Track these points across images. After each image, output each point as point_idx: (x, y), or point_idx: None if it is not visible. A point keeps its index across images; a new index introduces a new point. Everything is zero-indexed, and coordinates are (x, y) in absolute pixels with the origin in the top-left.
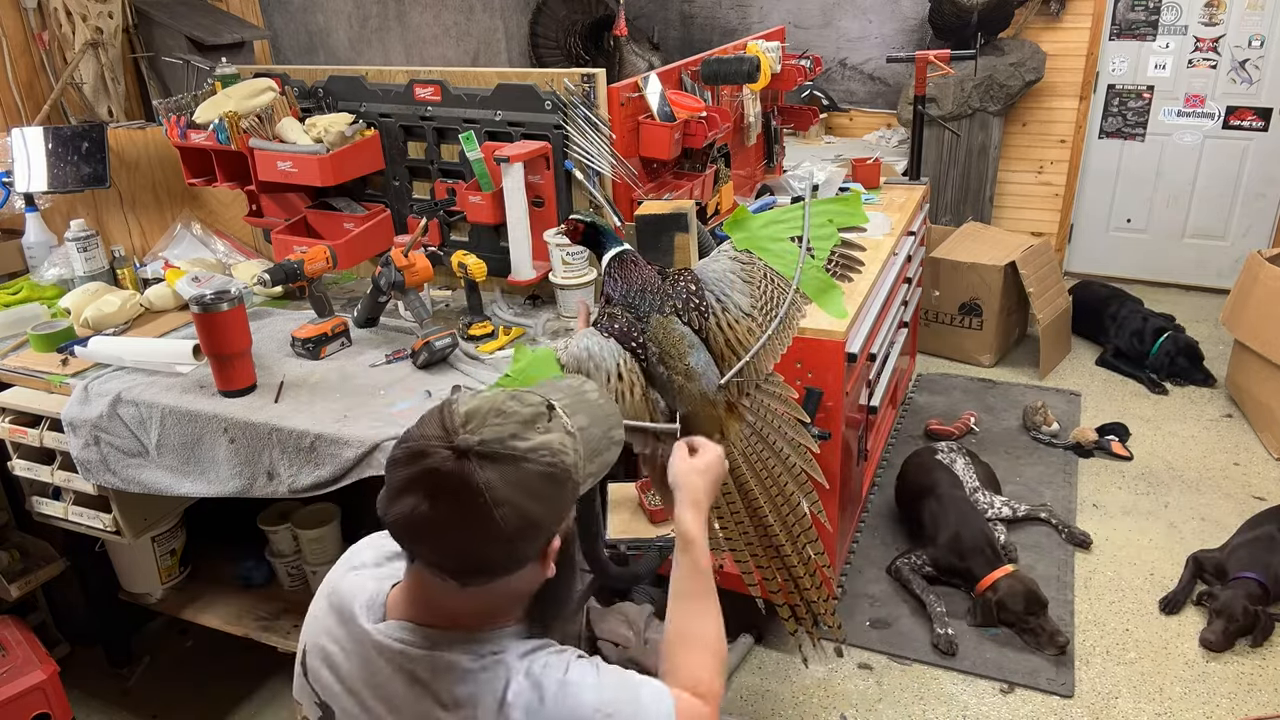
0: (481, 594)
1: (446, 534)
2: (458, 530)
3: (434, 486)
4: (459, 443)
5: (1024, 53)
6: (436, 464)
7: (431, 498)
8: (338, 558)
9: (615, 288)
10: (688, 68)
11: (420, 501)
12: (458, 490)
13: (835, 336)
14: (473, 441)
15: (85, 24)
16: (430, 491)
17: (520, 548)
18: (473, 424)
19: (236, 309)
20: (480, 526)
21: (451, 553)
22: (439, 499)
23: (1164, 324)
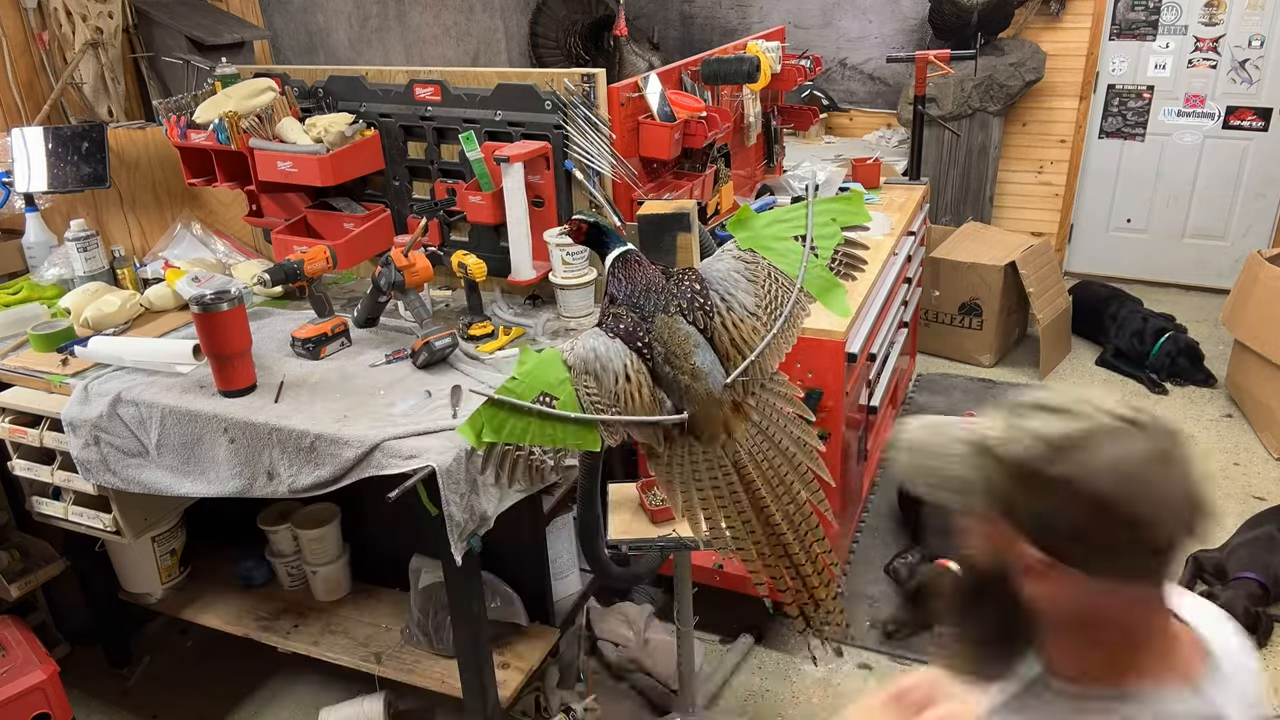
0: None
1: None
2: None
3: (1167, 457)
4: (1133, 417)
5: (1024, 53)
6: (1148, 445)
7: (1180, 459)
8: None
9: (620, 288)
10: (688, 68)
11: (1179, 468)
12: (1172, 438)
13: (835, 336)
14: (1126, 412)
15: (85, 24)
16: (1166, 461)
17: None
18: (1120, 409)
19: (236, 309)
20: (1185, 449)
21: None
22: (1178, 457)
23: (1164, 324)
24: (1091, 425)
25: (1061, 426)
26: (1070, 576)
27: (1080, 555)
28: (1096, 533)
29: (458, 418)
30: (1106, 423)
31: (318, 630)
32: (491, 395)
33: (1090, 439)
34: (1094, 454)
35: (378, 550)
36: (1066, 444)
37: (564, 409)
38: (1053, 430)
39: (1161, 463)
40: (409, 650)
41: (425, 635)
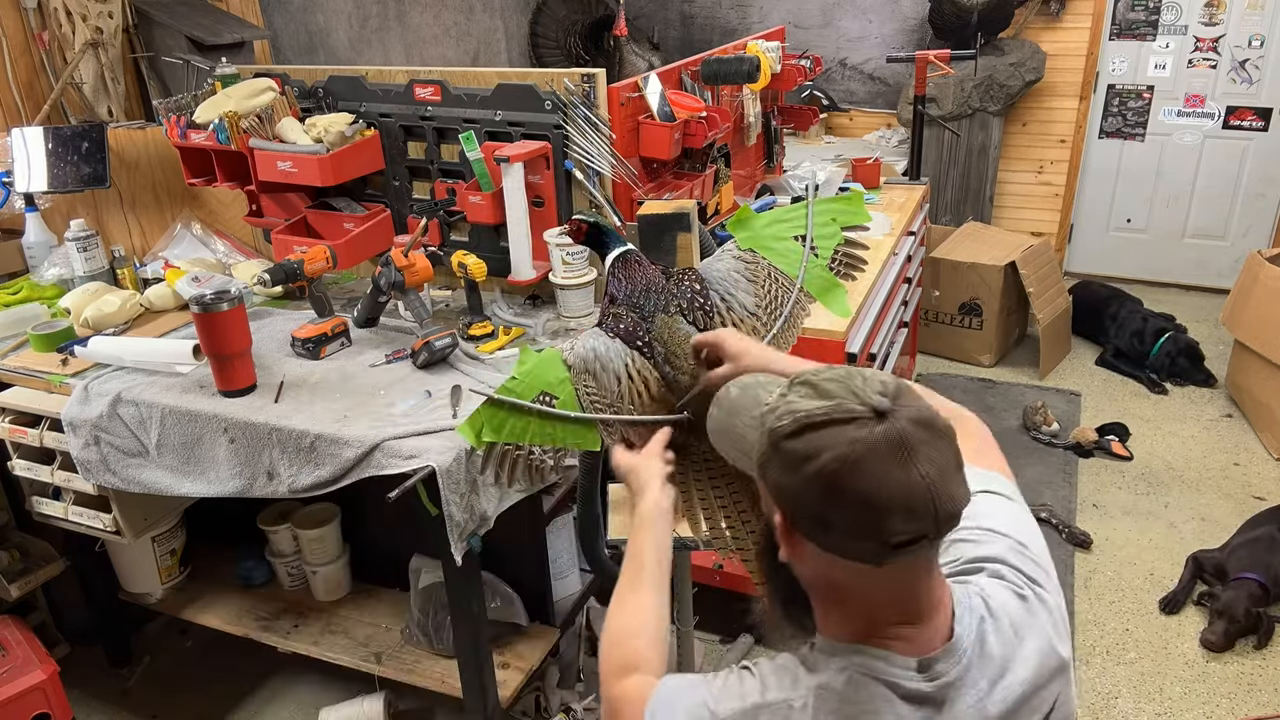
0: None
1: (950, 466)
2: (951, 456)
3: (907, 446)
4: (873, 405)
5: (1024, 53)
6: (887, 433)
7: (931, 442)
8: (338, 558)
9: (620, 287)
10: (688, 68)
11: (928, 461)
12: (922, 430)
13: (835, 336)
14: (874, 399)
15: (85, 24)
16: (908, 452)
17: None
18: (847, 396)
19: (236, 309)
20: (951, 440)
21: (958, 482)
22: (928, 445)
23: (1164, 324)
24: (835, 408)
25: (811, 405)
26: (805, 545)
27: (808, 528)
28: (820, 510)
29: (458, 418)
30: (852, 408)
31: (318, 630)
32: (491, 395)
33: (830, 422)
34: (827, 437)
35: (378, 550)
36: (808, 422)
37: (564, 409)
38: (803, 407)
39: (895, 457)
40: (409, 650)
41: (425, 635)
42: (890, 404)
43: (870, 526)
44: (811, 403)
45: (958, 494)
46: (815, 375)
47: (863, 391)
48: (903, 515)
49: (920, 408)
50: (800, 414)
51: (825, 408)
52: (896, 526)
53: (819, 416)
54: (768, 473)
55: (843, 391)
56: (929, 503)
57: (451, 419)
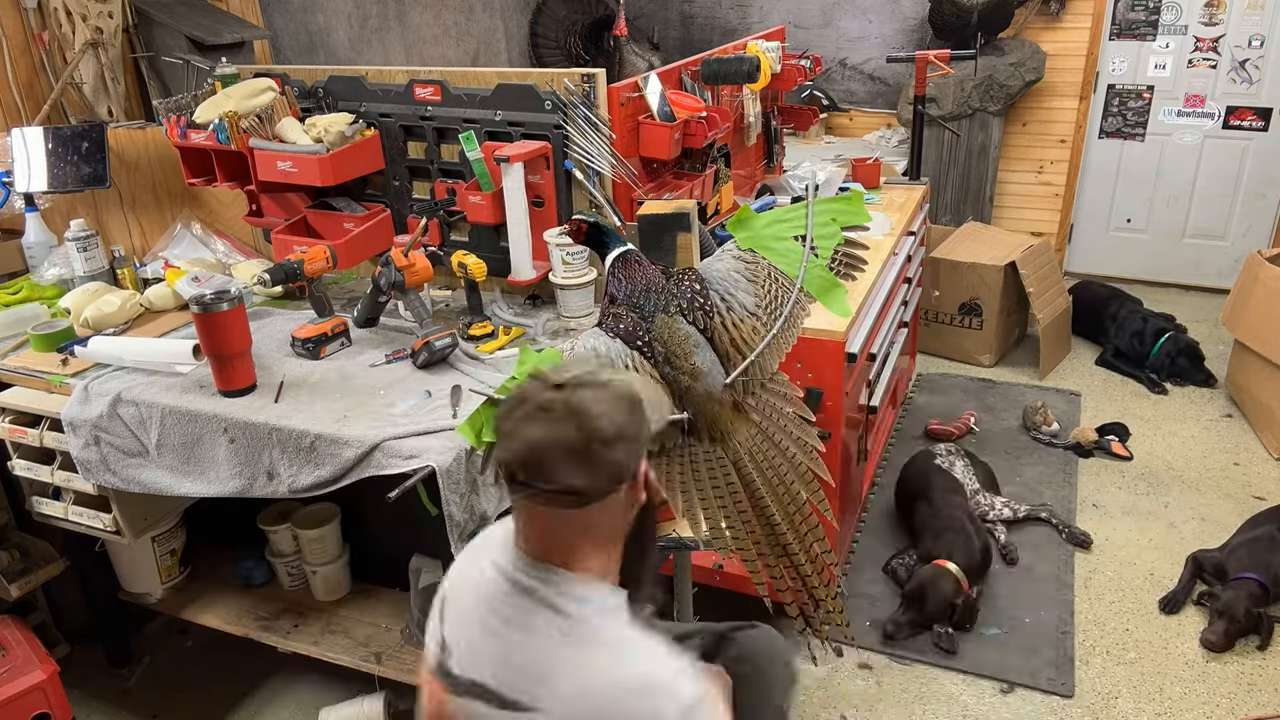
0: (588, 522)
1: (559, 449)
2: (566, 443)
3: (543, 414)
4: (556, 379)
5: (1024, 53)
6: (543, 397)
7: (544, 422)
8: (338, 557)
9: (620, 287)
10: (688, 68)
11: (534, 427)
12: (563, 410)
13: (835, 336)
14: (567, 376)
15: (85, 24)
16: (541, 417)
17: (621, 454)
18: (561, 369)
19: (236, 309)
20: (589, 434)
21: (565, 467)
22: (549, 422)
23: (1164, 324)
24: (526, 391)
25: (522, 387)
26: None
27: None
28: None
29: (458, 418)
30: (536, 396)
31: (318, 630)
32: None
33: (521, 402)
34: (513, 418)
35: (378, 550)
36: (514, 399)
37: None
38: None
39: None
40: (409, 650)
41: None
42: (547, 398)
43: (507, 478)
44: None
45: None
46: (557, 367)
47: (545, 380)
48: (507, 474)
49: (581, 407)
50: (518, 390)
51: (521, 390)
52: (508, 474)
53: (515, 400)
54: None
55: (528, 383)
56: (515, 466)
57: (451, 419)
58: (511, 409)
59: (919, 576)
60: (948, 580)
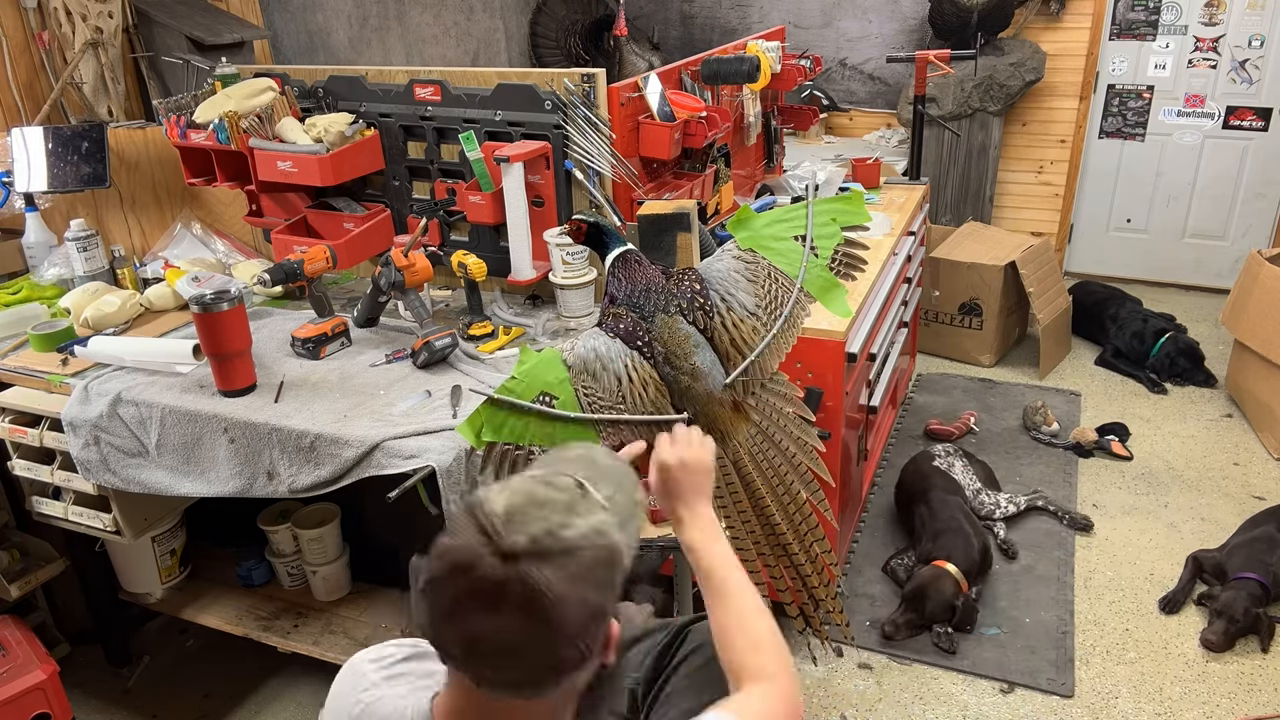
0: (549, 702)
1: (514, 647)
2: (527, 641)
3: (491, 598)
4: (508, 545)
5: (1024, 53)
6: (488, 572)
7: (492, 610)
8: (338, 557)
9: (620, 287)
10: (688, 68)
11: (480, 618)
12: (519, 597)
13: (835, 336)
14: (522, 542)
15: (85, 24)
16: (489, 604)
17: (587, 642)
18: (514, 523)
19: (236, 309)
20: (548, 630)
21: (523, 666)
22: (500, 610)
23: (1164, 325)
24: (466, 555)
25: (460, 547)
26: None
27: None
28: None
29: (458, 418)
30: (479, 566)
31: (318, 630)
32: (491, 395)
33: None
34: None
35: (378, 550)
36: (449, 563)
37: (564, 409)
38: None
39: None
40: None
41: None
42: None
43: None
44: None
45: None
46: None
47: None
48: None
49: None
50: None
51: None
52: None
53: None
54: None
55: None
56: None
57: (451, 419)
58: (445, 579)
59: (918, 578)
60: (947, 582)
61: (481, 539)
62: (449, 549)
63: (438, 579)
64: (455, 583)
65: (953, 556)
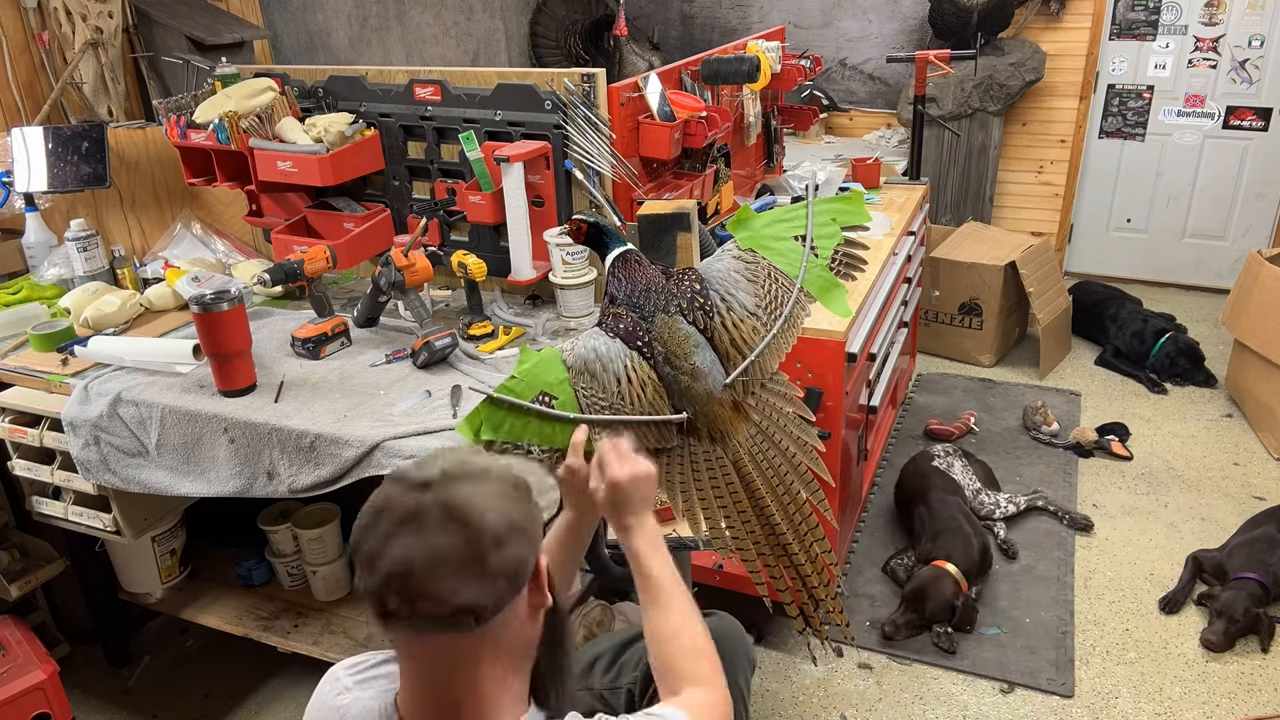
0: (490, 644)
1: (443, 561)
2: (451, 552)
3: (414, 521)
4: (421, 478)
5: (1024, 53)
6: (409, 502)
7: (417, 533)
8: (337, 557)
9: (619, 287)
10: (688, 68)
11: (406, 542)
12: (439, 511)
13: (835, 336)
14: (434, 472)
15: (85, 24)
16: (413, 527)
17: (513, 557)
18: (425, 465)
19: (236, 309)
20: (472, 535)
21: (452, 582)
22: (424, 530)
23: (1164, 324)
24: (386, 499)
25: (378, 495)
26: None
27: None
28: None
29: (457, 418)
30: (399, 502)
31: (318, 630)
32: (491, 394)
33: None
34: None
35: None
36: (371, 510)
37: (563, 409)
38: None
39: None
40: None
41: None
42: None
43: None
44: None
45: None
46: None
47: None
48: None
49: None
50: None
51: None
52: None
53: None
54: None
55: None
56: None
57: (451, 419)
58: (370, 524)
59: (918, 578)
60: (947, 582)
61: (395, 484)
62: (369, 502)
63: (364, 526)
64: (378, 525)
65: (952, 556)
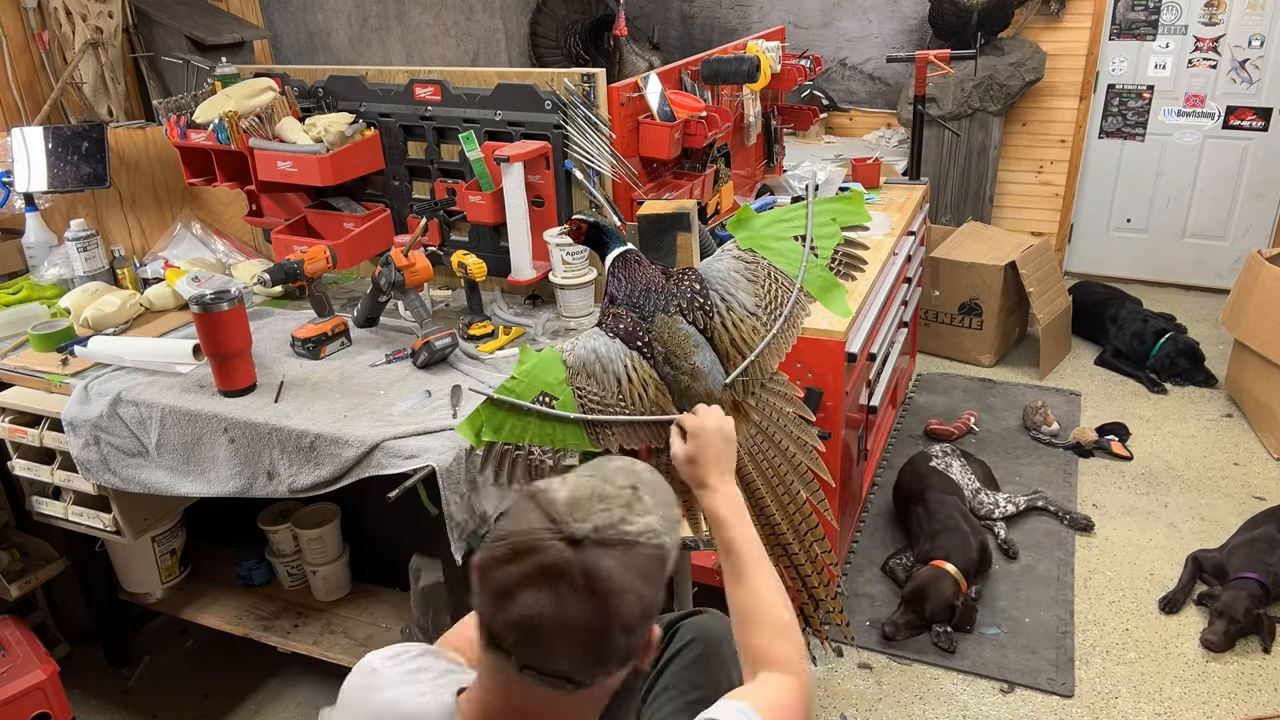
0: (584, 700)
1: (570, 631)
2: (583, 624)
3: (554, 580)
4: (573, 531)
5: (1024, 53)
6: (554, 557)
7: (553, 592)
8: (338, 557)
9: (619, 287)
10: (688, 68)
11: (540, 598)
12: (582, 581)
13: (835, 336)
14: (587, 529)
15: (85, 24)
16: (551, 586)
17: (636, 636)
18: (579, 511)
19: (236, 309)
20: (605, 618)
21: (574, 652)
22: (561, 593)
23: (1164, 325)
24: (532, 540)
25: (527, 532)
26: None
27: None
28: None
29: (458, 417)
30: (544, 551)
31: (318, 630)
32: (491, 394)
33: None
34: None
35: (378, 550)
36: (514, 546)
37: (563, 409)
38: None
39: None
40: None
41: (425, 635)
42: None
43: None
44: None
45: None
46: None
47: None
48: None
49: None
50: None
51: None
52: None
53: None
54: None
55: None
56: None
57: (451, 419)
58: (510, 558)
59: (918, 578)
60: (946, 582)
61: (547, 524)
62: (511, 533)
63: (498, 560)
64: (517, 565)
65: (951, 556)
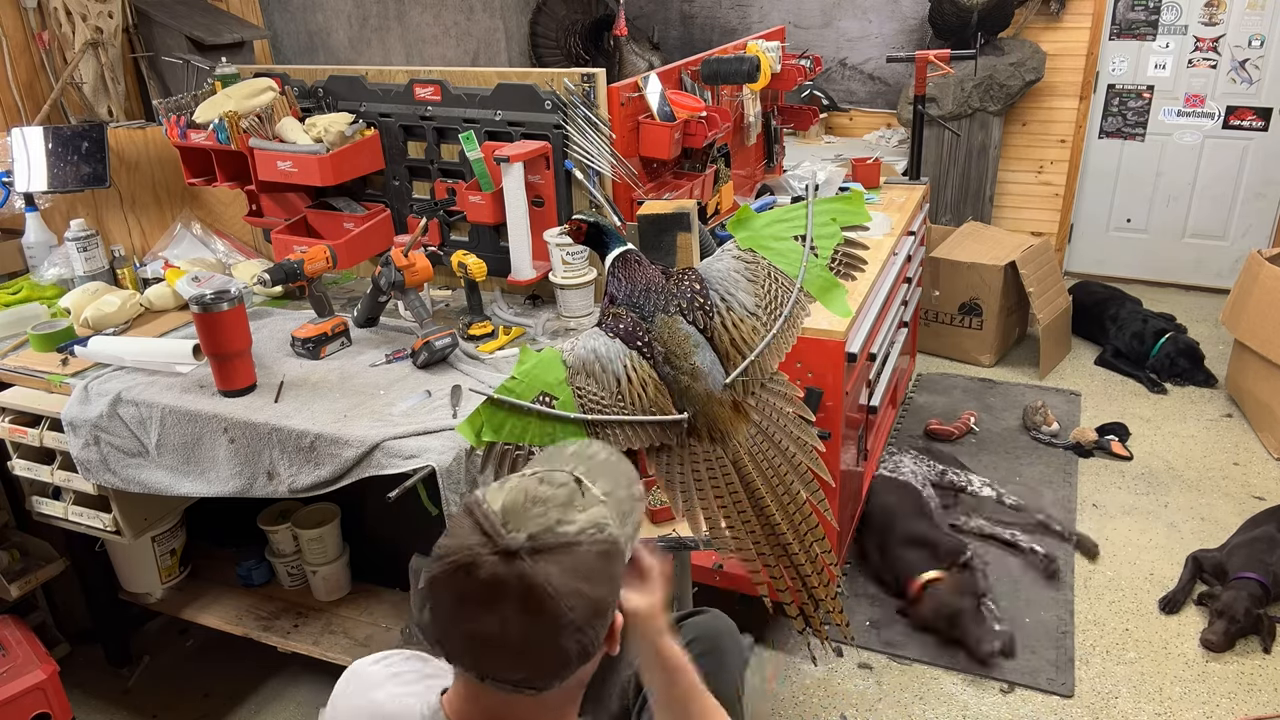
0: (555, 697)
1: (518, 645)
2: (530, 637)
3: (493, 597)
4: (506, 544)
5: (1024, 53)
6: (489, 573)
7: (494, 609)
8: (338, 557)
9: (619, 287)
10: (688, 68)
11: (483, 617)
12: (521, 594)
13: (835, 336)
14: (521, 539)
15: (85, 24)
16: (491, 603)
17: (591, 635)
18: (512, 521)
19: (236, 309)
20: (552, 626)
21: (527, 662)
22: (502, 609)
23: (1164, 325)
24: (466, 553)
25: (458, 546)
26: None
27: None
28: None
29: (458, 417)
30: (479, 565)
31: (318, 630)
32: (491, 395)
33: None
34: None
35: (378, 550)
36: (449, 561)
37: (563, 409)
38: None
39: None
40: None
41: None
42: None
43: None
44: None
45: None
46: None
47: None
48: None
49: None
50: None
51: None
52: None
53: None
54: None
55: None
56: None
57: (451, 419)
58: (443, 578)
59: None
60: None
61: (480, 538)
62: (449, 549)
63: (439, 580)
64: (457, 583)
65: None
